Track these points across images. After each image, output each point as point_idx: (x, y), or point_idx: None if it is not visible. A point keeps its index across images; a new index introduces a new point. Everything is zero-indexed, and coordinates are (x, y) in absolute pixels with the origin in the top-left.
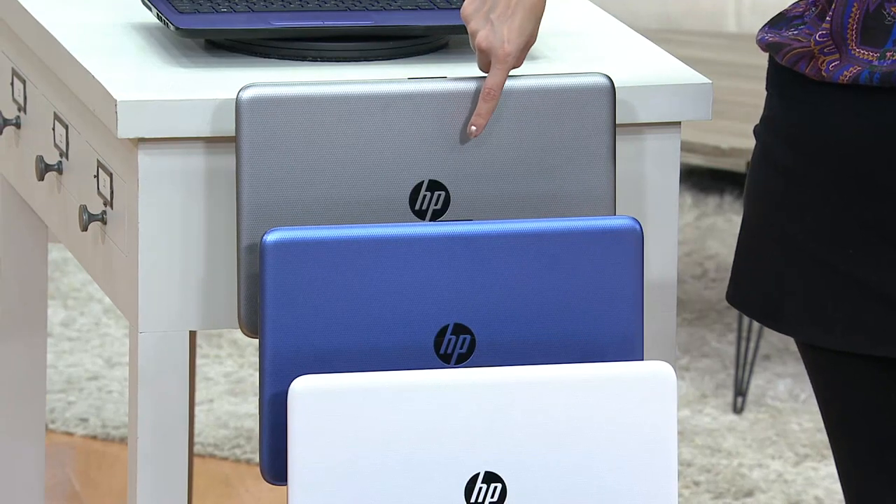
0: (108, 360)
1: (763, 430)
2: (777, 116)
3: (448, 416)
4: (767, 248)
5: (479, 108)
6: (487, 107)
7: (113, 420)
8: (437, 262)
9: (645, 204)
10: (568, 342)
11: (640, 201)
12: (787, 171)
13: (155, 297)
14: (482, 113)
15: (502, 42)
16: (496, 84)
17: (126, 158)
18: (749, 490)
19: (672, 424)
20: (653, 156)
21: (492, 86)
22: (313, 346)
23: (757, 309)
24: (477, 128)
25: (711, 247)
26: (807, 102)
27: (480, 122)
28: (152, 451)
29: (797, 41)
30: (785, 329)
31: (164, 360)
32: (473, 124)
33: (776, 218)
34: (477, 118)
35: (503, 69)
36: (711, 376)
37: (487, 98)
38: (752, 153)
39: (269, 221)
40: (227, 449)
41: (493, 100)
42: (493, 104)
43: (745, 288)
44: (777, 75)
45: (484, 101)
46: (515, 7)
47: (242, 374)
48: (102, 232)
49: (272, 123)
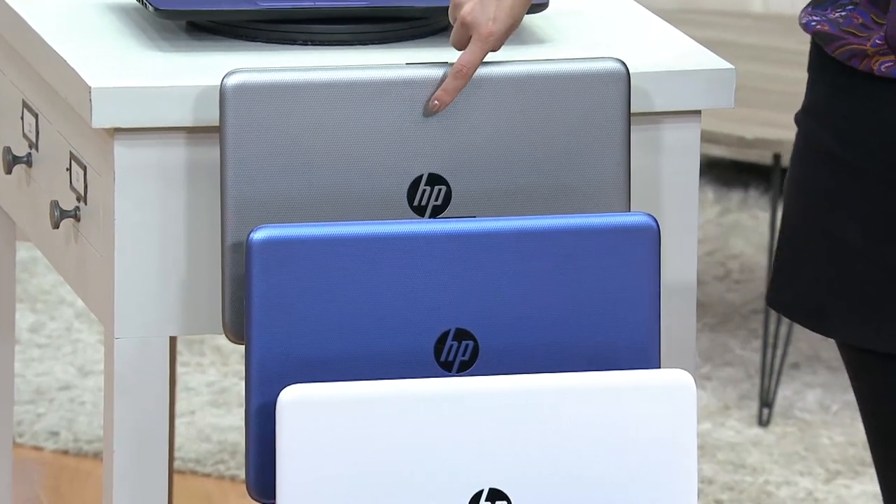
0: (80, 369)
1: (791, 444)
2: (823, 105)
3: (449, 428)
4: (813, 246)
5: (447, 85)
6: (456, 84)
7: (86, 433)
8: (437, 262)
9: (662, 199)
10: (578, 349)
11: (656, 196)
12: (836, 164)
13: (132, 300)
14: (449, 90)
15: (488, 19)
16: (471, 62)
17: (101, 150)
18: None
19: (692, 438)
20: (670, 147)
21: (466, 63)
22: (304, 353)
23: (801, 312)
24: (440, 103)
25: (735, 245)
26: (858, 95)
27: (446, 98)
28: (129, 467)
29: (852, 36)
30: (831, 332)
31: (142, 369)
32: (437, 99)
33: (823, 214)
34: (443, 94)
35: (482, 48)
36: (735, 386)
37: (458, 76)
38: (794, 144)
39: (256, 218)
40: (209, 464)
41: (464, 78)
42: (464, 83)
43: (788, 290)
44: (823, 62)
45: (454, 77)
46: None
47: (226, 383)
48: (75, 229)
49: (259, 112)
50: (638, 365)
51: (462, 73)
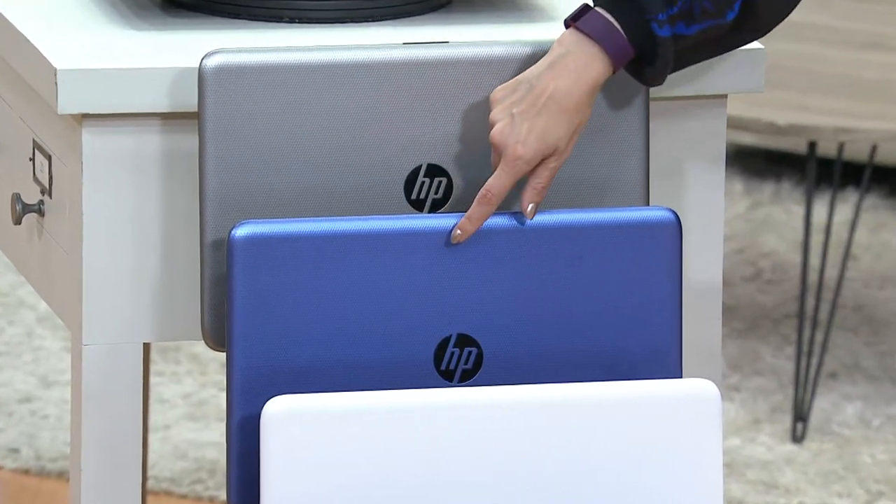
0: (42, 379)
1: (828, 462)
2: None
3: (451, 444)
4: None
5: (472, 212)
6: (481, 212)
7: (49, 451)
8: (438, 261)
9: (684, 192)
10: (591, 357)
11: (678, 189)
12: None
13: (102, 303)
14: (473, 218)
15: (517, 142)
16: (496, 188)
17: (67, 138)
18: None
19: (717, 455)
20: (694, 135)
21: (491, 188)
22: (290, 362)
23: None
24: (462, 233)
25: (766, 242)
26: None
27: (468, 228)
28: (97, 487)
29: None
30: None
31: (113, 379)
32: (460, 228)
33: None
34: (465, 223)
35: (509, 173)
36: (766, 398)
37: (483, 202)
38: None
39: (239, 213)
40: (186, 484)
41: (489, 205)
42: (489, 210)
43: None
44: None
45: (479, 204)
46: (545, 105)
47: (205, 394)
48: (39, 225)
49: (242, 97)
50: (657, 374)
51: (487, 199)
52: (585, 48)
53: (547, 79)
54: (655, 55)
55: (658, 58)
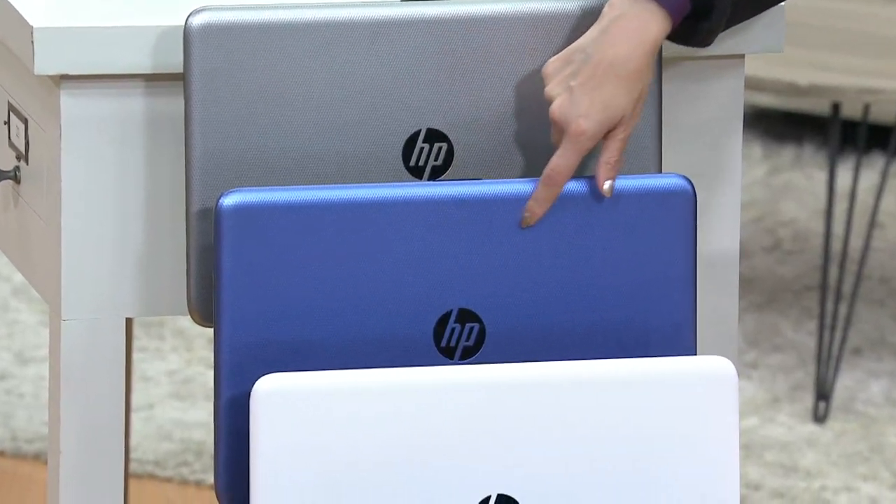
0: (18, 355)
1: (852, 443)
2: None
3: (451, 425)
4: None
5: (538, 193)
6: (546, 193)
7: (25, 431)
8: (437, 231)
9: (699, 158)
10: (600, 332)
11: (692, 154)
12: None
13: (82, 276)
14: (540, 199)
15: (577, 116)
16: (562, 167)
17: (45, 101)
18: None
19: (733, 436)
20: (710, 98)
21: (555, 168)
22: (282, 338)
23: None
24: (531, 216)
25: (787, 210)
26: None
27: (537, 211)
28: (77, 470)
29: None
30: None
31: (93, 356)
32: (528, 211)
33: None
34: (533, 205)
35: (573, 149)
36: (786, 375)
37: (549, 182)
38: None
39: (227, 181)
40: (171, 467)
41: (555, 186)
42: (555, 191)
43: None
44: None
45: (544, 185)
46: (605, 74)
47: (191, 372)
48: (15, 193)
49: (230, 57)
50: (670, 351)
51: (553, 179)
52: (641, 7)
53: (603, 46)
54: (712, 6)
55: (714, 9)
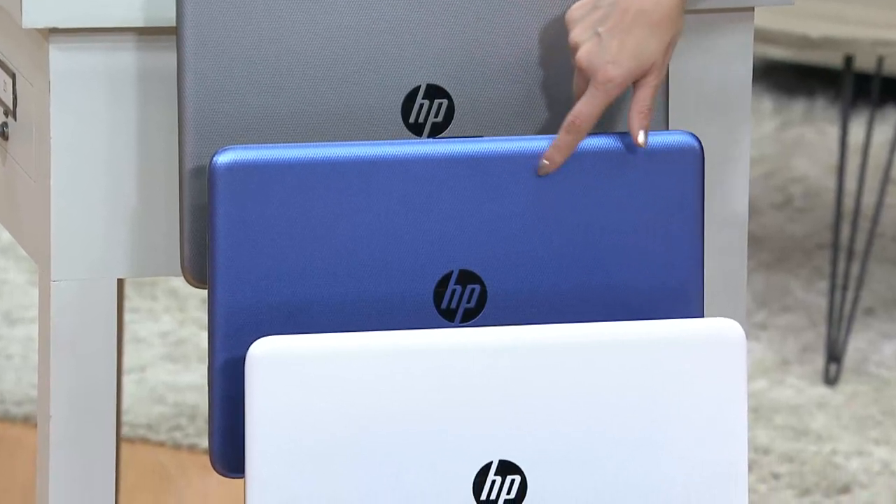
0: (6, 316)
1: (864, 406)
2: None
3: (451, 389)
4: None
5: (559, 140)
6: (568, 140)
7: (14, 394)
8: (437, 190)
9: (707, 113)
10: (604, 294)
11: (700, 110)
12: None
13: (72, 235)
14: (561, 146)
15: (606, 62)
16: (586, 114)
17: (33, 55)
18: (845, 485)
19: (741, 399)
20: (718, 51)
21: (579, 114)
22: (278, 299)
23: None
24: (550, 163)
25: (798, 166)
26: None
27: (556, 158)
28: (68, 434)
29: None
30: None
31: (84, 317)
32: (547, 158)
33: None
34: (553, 152)
35: (600, 97)
36: (796, 336)
37: (571, 129)
38: None
39: (222, 138)
40: (164, 431)
41: (579, 133)
42: (578, 138)
43: None
44: None
45: (567, 132)
46: (634, 20)
47: (184, 333)
48: (2, 149)
49: (224, 10)
50: (677, 313)
51: (575, 126)
52: None
53: None
54: None
55: None
